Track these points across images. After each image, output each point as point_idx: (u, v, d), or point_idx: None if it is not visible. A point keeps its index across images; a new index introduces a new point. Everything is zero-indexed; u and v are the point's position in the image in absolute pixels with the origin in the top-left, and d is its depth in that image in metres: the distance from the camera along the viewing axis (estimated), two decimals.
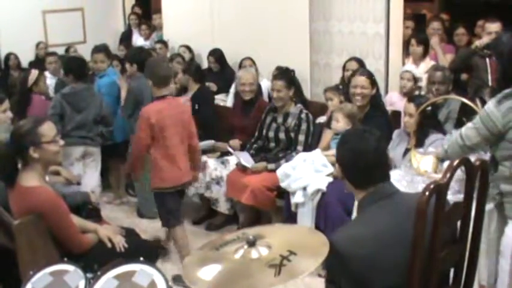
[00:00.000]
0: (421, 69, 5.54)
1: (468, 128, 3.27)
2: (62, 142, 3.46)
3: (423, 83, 5.33)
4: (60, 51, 8.29)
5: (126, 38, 9.12)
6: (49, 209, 3.28)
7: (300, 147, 5.05)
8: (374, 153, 2.33)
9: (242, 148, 5.46)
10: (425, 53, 5.79)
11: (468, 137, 3.25)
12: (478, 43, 5.18)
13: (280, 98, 5.15)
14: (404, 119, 4.43)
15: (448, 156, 3.45)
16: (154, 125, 4.16)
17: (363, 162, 2.31)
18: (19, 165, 3.36)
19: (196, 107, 6.06)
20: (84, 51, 8.18)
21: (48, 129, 3.37)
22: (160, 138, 4.22)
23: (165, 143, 4.24)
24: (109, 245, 3.55)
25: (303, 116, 5.12)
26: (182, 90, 6.30)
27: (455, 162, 2.27)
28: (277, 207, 5.08)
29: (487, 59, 5.14)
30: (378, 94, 4.88)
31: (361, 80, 4.74)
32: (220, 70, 7.18)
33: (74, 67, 5.51)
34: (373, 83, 4.79)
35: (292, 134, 5.12)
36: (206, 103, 6.11)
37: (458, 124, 4.54)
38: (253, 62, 6.62)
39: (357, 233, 2.19)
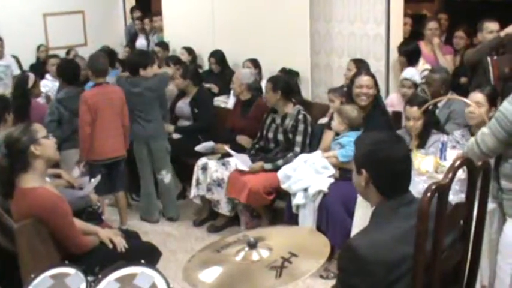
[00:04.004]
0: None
1: (484, 134, 3.21)
2: (54, 139, 3.49)
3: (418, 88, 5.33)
4: (61, 54, 8.29)
5: (132, 42, 9.13)
6: (49, 208, 3.28)
7: (297, 149, 5.04)
8: (407, 160, 2.32)
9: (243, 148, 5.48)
10: (411, 62, 5.73)
11: (484, 142, 3.19)
12: (508, 30, 5.06)
13: (266, 99, 5.32)
14: (409, 123, 4.34)
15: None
16: (90, 106, 4.97)
17: (397, 170, 2.27)
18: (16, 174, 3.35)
19: (196, 110, 6.06)
20: (85, 54, 8.20)
21: (39, 126, 3.44)
22: (95, 118, 5.01)
23: (98, 122, 5.03)
24: (110, 245, 3.56)
25: (300, 117, 5.11)
26: (181, 94, 6.29)
27: (457, 163, 2.26)
28: (268, 208, 5.15)
29: (488, 58, 5.11)
30: (378, 95, 4.88)
31: (365, 79, 4.74)
32: (221, 71, 7.18)
33: (66, 71, 5.54)
34: (376, 83, 4.79)
35: (290, 135, 5.12)
36: (205, 106, 6.11)
37: None
38: (256, 64, 6.59)
39: (379, 239, 2.15)
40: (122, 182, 5.42)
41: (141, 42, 9.08)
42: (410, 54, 5.69)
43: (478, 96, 4.00)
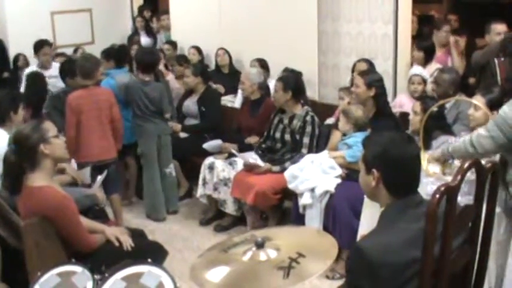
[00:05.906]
0: (427, 72, 5.51)
1: (481, 136, 3.16)
2: (63, 138, 3.51)
3: (428, 87, 5.31)
4: (69, 52, 8.31)
5: (134, 40, 9.12)
6: (56, 207, 3.28)
7: (304, 150, 5.02)
8: (417, 160, 2.32)
9: (251, 148, 5.47)
10: (427, 58, 5.75)
11: (482, 145, 3.14)
12: None
13: (274, 98, 5.29)
14: (410, 116, 4.47)
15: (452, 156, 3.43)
16: (73, 108, 4.95)
17: (409, 169, 2.27)
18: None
19: (203, 109, 6.06)
20: (92, 52, 8.20)
21: (50, 125, 3.44)
22: (79, 120, 4.99)
23: (82, 125, 5.00)
24: (116, 244, 3.55)
25: (308, 118, 5.09)
26: (188, 93, 6.28)
27: (466, 165, 2.25)
28: (276, 208, 5.13)
29: (496, 59, 5.08)
30: (382, 96, 4.80)
31: (356, 78, 4.77)
32: (229, 71, 7.19)
33: (65, 68, 5.61)
34: (370, 83, 4.70)
35: (298, 136, 5.10)
36: (213, 105, 6.11)
37: None
38: (263, 64, 6.57)
39: (388, 241, 2.15)
40: (115, 186, 5.33)
41: (144, 40, 9.08)
42: (428, 49, 5.70)
43: (477, 99, 4.00)
